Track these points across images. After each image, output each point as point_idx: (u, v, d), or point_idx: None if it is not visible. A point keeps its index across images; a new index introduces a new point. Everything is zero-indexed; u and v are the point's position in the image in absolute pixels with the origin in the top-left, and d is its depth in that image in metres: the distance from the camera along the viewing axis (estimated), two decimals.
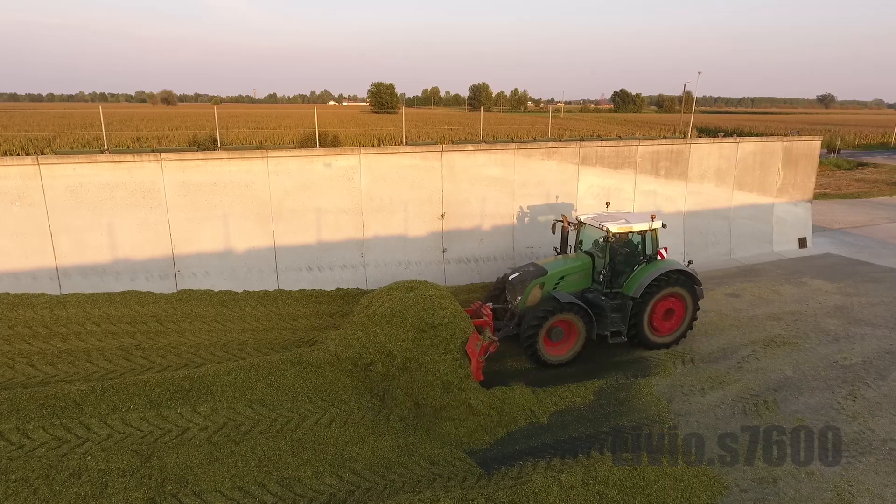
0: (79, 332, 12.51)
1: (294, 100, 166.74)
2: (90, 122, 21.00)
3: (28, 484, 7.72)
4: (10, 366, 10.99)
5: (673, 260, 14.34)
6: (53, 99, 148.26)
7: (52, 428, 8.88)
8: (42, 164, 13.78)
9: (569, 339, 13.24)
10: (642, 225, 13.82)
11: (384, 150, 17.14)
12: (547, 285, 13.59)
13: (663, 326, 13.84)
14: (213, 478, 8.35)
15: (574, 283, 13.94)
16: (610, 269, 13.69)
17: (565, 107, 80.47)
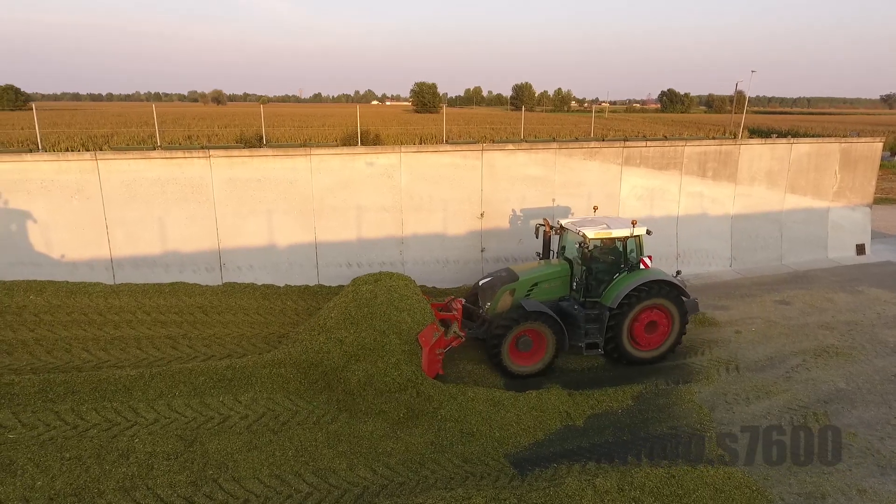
0: (130, 320, 13.07)
1: (338, 99, 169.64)
2: (145, 121, 21.92)
3: (81, 462, 8.12)
4: (68, 350, 11.59)
5: (657, 269, 13.36)
6: (112, 98, 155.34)
7: (103, 410, 9.32)
8: (100, 159, 14.46)
9: (538, 349, 12.46)
10: (623, 231, 12.78)
11: (424, 148, 17.22)
12: (518, 292, 12.89)
13: (646, 340, 12.85)
14: (252, 465, 8.58)
15: (549, 290, 13.17)
16: (586, 276, 12.88)
17: (610, 107, 79.02)
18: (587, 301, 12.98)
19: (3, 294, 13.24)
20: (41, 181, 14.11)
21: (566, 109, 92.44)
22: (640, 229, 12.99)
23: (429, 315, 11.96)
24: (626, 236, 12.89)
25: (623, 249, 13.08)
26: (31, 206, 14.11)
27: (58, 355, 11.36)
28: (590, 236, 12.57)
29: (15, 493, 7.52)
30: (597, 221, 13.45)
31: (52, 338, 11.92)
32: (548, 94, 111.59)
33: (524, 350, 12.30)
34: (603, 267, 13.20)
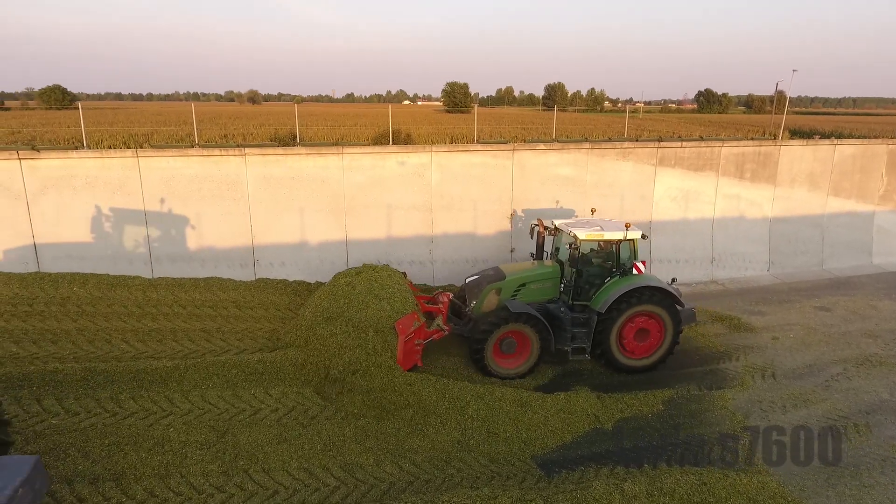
0: (167, 313, 13.45)
1: (370, 99, 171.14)
2: (184, 120, 22.57)
3: (120, 448, 8.40)
4: (108, 340, 12.00)
5: (650, 275, 12.88)
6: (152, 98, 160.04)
7: (140, 399, 9.63)
8: (140, 156, 14.93)
9: (522, 351, 12.19)
10: (616, 234, 12.36)
11: (455, 148, 17.24)
12: (504, 292, 12.58)
13: (636, 348, 12.40)
14: (282, 457, 8.73)
15: (538, 291, 12.82)
16: (575, 278, 12.50)
17: (644, 107, 77.66)
18: (576, 304, 12.61)
19: (49, 286, 13.78)
20: (86, 177, 14.64)
21: (599, 110, 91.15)
22: (635, 233, 12.49)
23: (410, 305, 11.82)
24: (620, 239, 12.45)
25: (616, 253, 12.64)
26: (76, 201, 14.66)
27: (99, 345, 11.76)
28: (581, 237, 12.21)
29: (59, 475, 7.82)
30: (591, 223, 13.04)
31: (93, 328, 12.36)
32: (580, 94, 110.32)
33: (508, 352, 12.08)
34: (594, 270, 12.78)
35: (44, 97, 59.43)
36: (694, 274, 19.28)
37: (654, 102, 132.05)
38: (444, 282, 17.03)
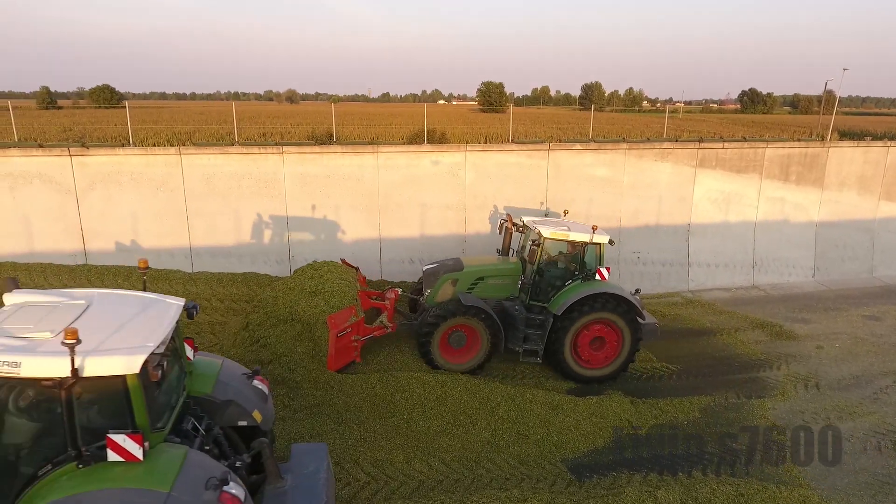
0: (205, 307, 13.80)
1: (406, 99, 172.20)
2: (224, 118, 23.16)
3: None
4: None
5: (613, 283, 12.30)
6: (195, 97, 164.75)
7: None
8: (183, 154, 15.37)
9: (471, 347, 11.81)
10: (582, 236, 11.93)
11: (490, 147, 17.18)
12: (461, 284, 12.22)
13: (591, 356, 11.88)
14: None
15: (496, 287, 12.42)
16: (535, 278, 12.06)
17: (684, 107, 75.74)
18: (533, 305, 12.18)
19: (96, 278, 14.32)
20: (131, 173, 15.15)
21: (637, 110, 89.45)
22: (602, 237, 12.00)
23: (349, 301, 11.62)
24: (585, 242, 12.00)
25: (581, 256, 12.18)
26: (122, 196, 15.18)
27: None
28: (545, 235, 11.81)
29: None
30: (560, 223, 12.61)
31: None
32: (618, 94, 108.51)
33: (456, 346, 11.73)
34: (556, 271, 12.37)
35: (93, 96, 61.79)
36: (734, 279, 18.73)
37: (695, 102, 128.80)
38: None
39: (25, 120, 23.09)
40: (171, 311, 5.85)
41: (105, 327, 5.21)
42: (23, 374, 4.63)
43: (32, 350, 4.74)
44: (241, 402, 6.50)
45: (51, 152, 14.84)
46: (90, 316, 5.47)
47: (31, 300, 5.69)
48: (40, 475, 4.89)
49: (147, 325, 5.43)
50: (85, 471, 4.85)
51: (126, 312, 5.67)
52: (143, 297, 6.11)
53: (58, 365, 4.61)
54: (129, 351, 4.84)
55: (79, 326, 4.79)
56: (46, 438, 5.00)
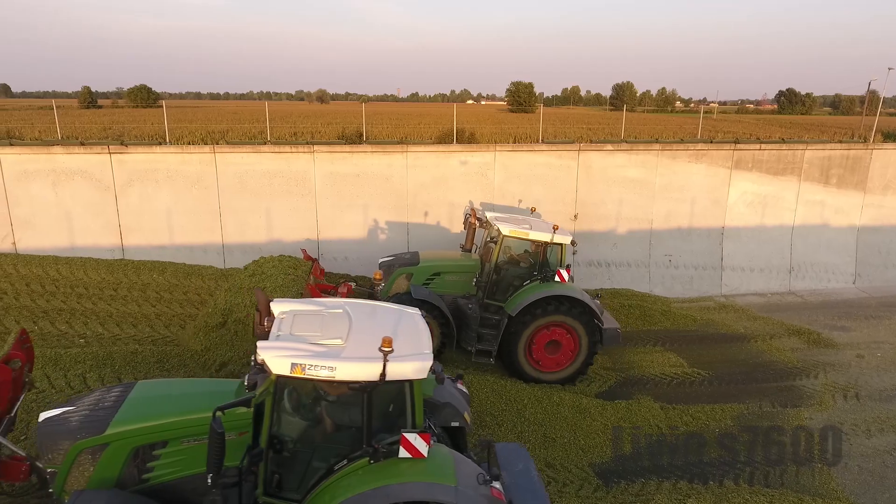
0: None
1: (434, 98, 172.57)
2: (257, 118, 23.63)
3: None
4: (182, 326, 12.68)
5: (572, 286, 11.71)
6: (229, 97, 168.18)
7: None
8: (217, 152, 15.69)
9: None
10: (542, 235, 11.45)
11: (519, 147, 17.08)
12: (416, 278, 11.86)
13: (545, 360, 11.45)
14: None
15: (452, 284, 12.02)
16: (492, 276, 11.66)
17: (719, 107, 74.01)
18: (490, 304, 11.82)
19: (132, 272, 14.72)
20: (167, 171, 15.53)
21: (670, 110, 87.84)
22: (563, 237, 11.55)
23: (289, 295, 11.38)
24: (545, 242, 11.51)
25: (540, 256, 11.72)
26: (158, 193, 15.58)
27: (173, 330, 12.44)
28: (504, 233, 11.42)
29: None
30: (522, 221, 12.18)
31: (169, 314, 13.08)
32: (650, 94, 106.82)
33: None
34: (514, 271, 11.96)
35: (132, 96, 63.57)
36: (769, 284, 18.22)
37: (730, 102, 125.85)
38: None
39: (68, 119, 23.90)
40: (418, 321, 6.16)
41: (381, 335, 5.45)
42: (337, 377, 5.00)
43: (337, 355, 5.10)
44: (455, 404, 6.81)
45: (91, 150, 15.32)
46: (362, 325, 5.74)
47: (295, 309, 6.02)
48: (336, 469, 5.26)
49: (412, 334, 5.74)
50: (377, 466, 5.20)
51: (386, 322, 6.00)
52: (387, 308, 6.46)
53: (370, 370, 4.97)
54: (419, 357, 5.22)
55: (358, 335, 5.37)
56: (345, 436, 5.44)
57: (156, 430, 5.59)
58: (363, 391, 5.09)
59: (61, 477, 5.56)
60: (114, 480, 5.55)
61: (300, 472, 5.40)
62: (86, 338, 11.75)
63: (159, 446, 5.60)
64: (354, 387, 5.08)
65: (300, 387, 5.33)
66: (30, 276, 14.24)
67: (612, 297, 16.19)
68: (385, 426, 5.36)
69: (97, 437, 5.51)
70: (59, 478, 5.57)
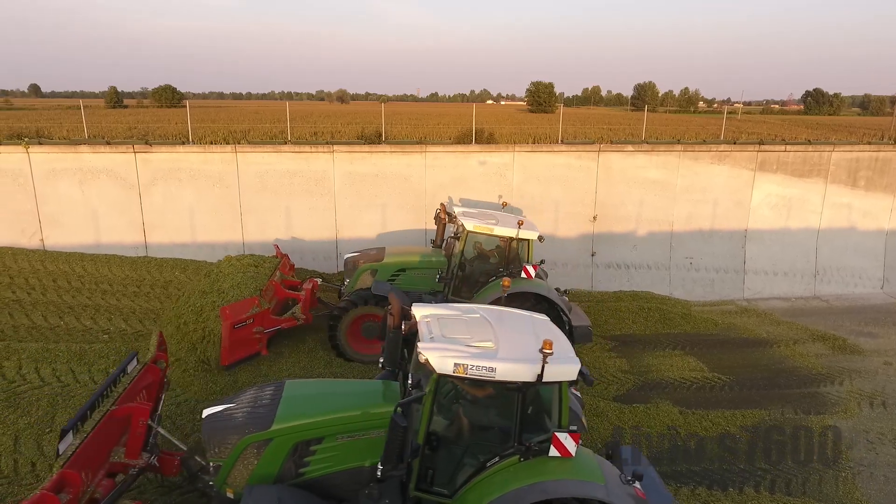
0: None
1: (454, 98, 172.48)
2: (278, 118, 23.82)
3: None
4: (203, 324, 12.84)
5: (539, 282, 11.49)
6: (251, 97, 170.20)
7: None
8: (238, 152, 15.88)
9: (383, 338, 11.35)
10: (508, 231, 11.27)
11: (538, 148, 16.99)
12: (380, 274, 11.75)
13: None
14: None
15: (418, 280, 11.86)
16: (456, 272, 11.47)
17: (743, 107, 72.74)
18: (455, 301, 11.64)
19: (155, 269, 14.98)
20: (190, 170, 15.78)
21: (692, 110, 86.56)
22: (529, 233, 11.35)
23: (251, 293, 11.33)
24: (511, 237, 11.35)
25: (506, 252, 11.54)
26: (181, 192, 15.84)
27: (194, 327, 12.61)
28: (468, 228, 11.25)
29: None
30: (490, 216, 12.01)
31: (190, 311, 13.27)
32: (672, 94, 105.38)
33: (368, 336, 11.24)
34: (480, 266, 11.79)
35: (156, 96, 64.75)
36: (793, 288, 17.86)
37: (755, 103, 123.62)
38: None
39: (95, 118, 24.41)
40: (551, 325, 6.44)
41: (527, 338, 5.75)
42: (497, 377, 5.20)
43: (494, 356, 5.30)
44: (573, 408, 6.82)
45: (117, 149, 15.63)
46: (504, 329, 5.93)
47: (436, 313, 6.27)
48: (487, 466, 5.46)
49: (553, 338, 5.81)
50: (528, 464, 5.38)
51: (524, 326, 6.23)
52: (518, 312, 6.69)
53: (529, 371, 5.18)
54: (571, 360, 5.42)
55: (504, 337, 5.60)
56: (494, 434, 5.69)
57: (314, 427, 5.87)
58: (519, 391, 5.29)
59: (225, 470, 5.84)
60: (274, 475, 5.81)
61: (452, 468, 5.63)
62: (110, 333, 12.00)
63: (315, 442, 5.86)
64: (511, 387, 5.30)
65: (458, 386, 5.58)
66: (56, 273, 14.58)
67: (631, 300, 16.02)
68: (533, 425, 5.54)
69: (264, 432, 5.79)
70: (223, 471, 5.85)
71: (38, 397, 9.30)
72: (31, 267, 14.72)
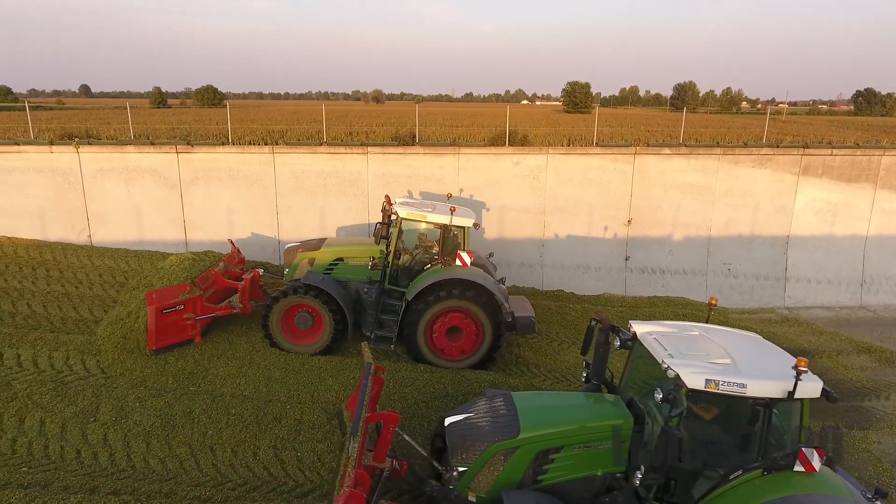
0: None
1: (489, 99, 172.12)
2: (314, 118, 24.26)
3: (242, 419, 9.22)
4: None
5: (475, 270, 11.26)
6: (289, 97, 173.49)
7: (258, 380, 10.46)
8: (276, 152, 16.23)
9: (317, 329, 11.17)
10: (440, 218, 11.09)
11: (573, 150, 16.81)
12: (318, 262, 11.70)
13: (447, 347, 11.13)
14: None
15: (357, 270, 11.78)
16: (392, 260, 11.43)
17: (788, 108, 70.30)
18: (393, 290, 11.54)
19: (192, 266, 15.41)
20: (228, 170, 16.20)
21: (735, 111, 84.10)
22: (463, 220, 11.15)
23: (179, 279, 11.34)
24: (444, 224, 11.16)
25: (441, 240, 11.33)
26: (220, 191, 16.28)
27: (227, 321, 12.93)
28: (401, 215, 11.11)
29: (191, 438, 8.76)
30: (427, 205, 11.86)
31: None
32: (714, 94, 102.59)
33: (302, 327, 11.19)
34: (418, 255, 11.70)
35: (199, 96, 66.71)
36: (838, 297, 17.20)
37: (801, 103, 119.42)
38: (552, 286, 16.72)
39: (140, 118, 25.30)
40: (767, 343, 6.66)
41: (758, 355, 6.11)
42: (748, 393, 5.43)
43: (739, 373, 5.55)
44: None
45: (160, 149, 16.17)
46: (730, 346, 6.22)
47: (655, 330, 6.69)
48: (731, 479, 5.64)
49: (775, 355, 6.23)
50: (772, 477, 5.54)
51: (744, 342, 6.53)
52: (728, 330, 6.97)
53: (779, 387, 5.43)
54: (812, 378, 5.56)
55: (736, 355, 5.89)
56: (742, 448, 5.85)
57: (557, 437, 6.28)
58: (766, 407, 5.48)
59: (470, 474, 6.28)
60: (517, 481, 6.23)
61: (691, 480, 5.84)
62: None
63: (555, 451, 6.28)
64: (760, 402, 5.49)
65: (706, 400, 5.77)
66: (102, 268, 15.19)
67: (665, 306, 15.71)
68: (774, 441, 5.71)
69: (512, 440, 6.23)
70: (468, 475, 6.29)
71: (83, 387, 9.74)
72: (80, 262, 15.37)
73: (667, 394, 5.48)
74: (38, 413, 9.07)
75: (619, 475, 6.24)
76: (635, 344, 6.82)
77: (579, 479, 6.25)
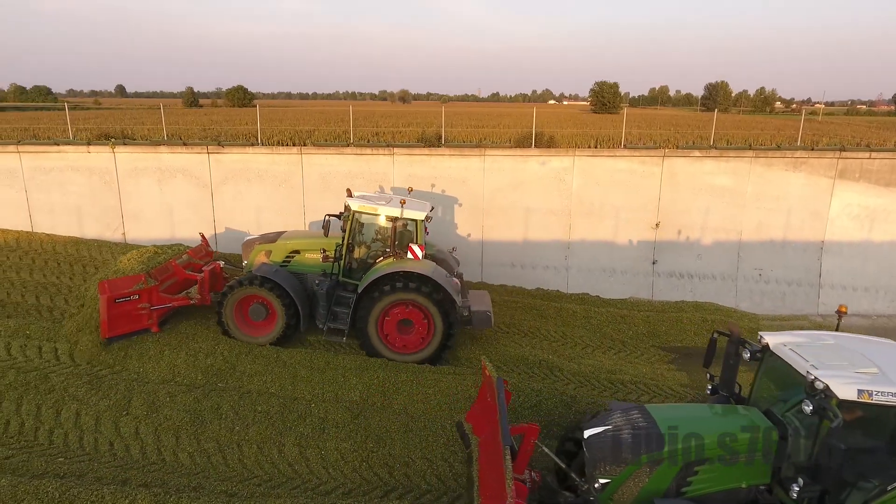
0: None
1: (515, 99, 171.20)
2: (341, 118, 24.51)
3: (268, 416, 9.38)
4: None
5: (428, 263, 11.31)
6: (317, 97, 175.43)
7: (283, 378, 10.62)
8: (304, 153, 16.45)
9: (271, 320, 11.27)
10: (391, 210, 11.19)
11: (600, 152, 16.65)
12: (274, 255, 11.81)
13: (399, 340, 11.16)
14: (407, 446, 9.08)
15: (311, 263, 11.81)
16: (345, 253, 11.53)
17: (825, 108, 68.17)
18: (347, 282, 11.60)
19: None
20: (258, 170, 16.49)
21: (768, 111, 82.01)
22: (415, 213, 11.18)
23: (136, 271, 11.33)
24: (395, 217, 11.26)
25: (392, 232, 11.37)
26: (249, 191, 16.58)
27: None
28: (353, 208, 11.22)
29: (218, 434, 8.95)
30: (381, 198, 11.90)
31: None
32: (747, 94, 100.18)
33: (256, 319, 11.29)
34: (372, 248, 11.74)
35: (230, 96, 68.00)
36: (876, 305, 16.67)
37: (838, 103, 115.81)
38: (577, 289, 16.59)
39: (172, 118, 25.90)
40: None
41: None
42: None
43: (888, 382, 5.63)
44: None
45: (192, 150, 16.55)
46: (873, 354, 6.29)
47: (789, 340, 6.80)
48: (888, 490, 5.68)
49: None
50: None
51: (885, 349, 6.58)
52: (860, 337, 7.01)
53: None
54: None
55: (881, 363, 5.92)
56: (887, 458, 5.89)
57: (704, 449, 6.24)
58: None
59: (614, 486, 6.30)
60: (661, 492, 6.24)
61: (844, 492, 5.81)
62: None
63: (699, 463, 6.24)
64: None
65: (856, 411, 5.72)
66: None
67: (693, 311, 15.43)
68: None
69: (658, 452, 6.23)
70: (612, 486, 6.31)
71: (116, 382, 10.04)
72: (114, 258, 15.79)
73: (817, 406, 5.46)
74: (74, 405, 9.39)
75: (763, 487, 6.20)
76: (766, 355, 6.88)
77: (724, 491, 6.23)
